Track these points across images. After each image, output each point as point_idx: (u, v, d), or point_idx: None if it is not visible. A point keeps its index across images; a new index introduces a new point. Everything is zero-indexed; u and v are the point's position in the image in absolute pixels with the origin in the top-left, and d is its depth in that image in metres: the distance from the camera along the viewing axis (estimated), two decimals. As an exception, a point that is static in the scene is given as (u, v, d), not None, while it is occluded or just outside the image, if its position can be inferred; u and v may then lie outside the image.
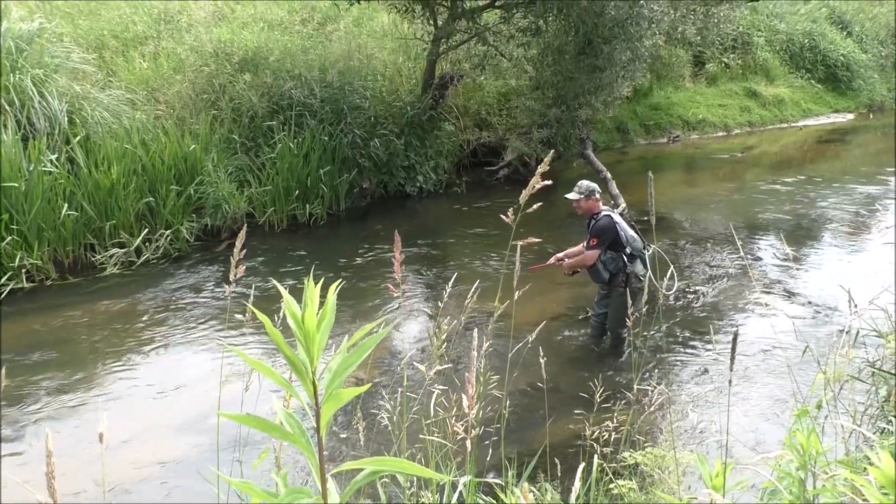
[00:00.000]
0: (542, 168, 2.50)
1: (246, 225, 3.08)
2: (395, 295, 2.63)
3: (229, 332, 7.08)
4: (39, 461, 5.09)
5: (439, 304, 3.02)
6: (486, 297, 3.11)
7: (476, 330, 2.36)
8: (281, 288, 1.18)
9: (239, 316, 2.74)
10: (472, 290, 3.02)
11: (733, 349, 2.18)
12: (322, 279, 1.20)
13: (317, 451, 1.08)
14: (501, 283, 2.96)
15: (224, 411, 1.26)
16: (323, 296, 1.16)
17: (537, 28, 10.95)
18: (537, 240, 3.07)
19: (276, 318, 2.79)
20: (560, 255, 6.73)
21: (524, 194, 2.58)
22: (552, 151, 3.41)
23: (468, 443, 2.26)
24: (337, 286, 1.16)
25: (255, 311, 1.25)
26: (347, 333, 5.54)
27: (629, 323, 3.25)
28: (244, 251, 2.59)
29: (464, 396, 2.04)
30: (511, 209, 2.72)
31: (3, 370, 1.84)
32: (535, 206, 2.83)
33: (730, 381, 2.23)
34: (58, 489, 1.67)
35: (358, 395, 1.21)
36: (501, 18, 11.47)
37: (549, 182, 2.61)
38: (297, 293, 1.14)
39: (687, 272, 8.51)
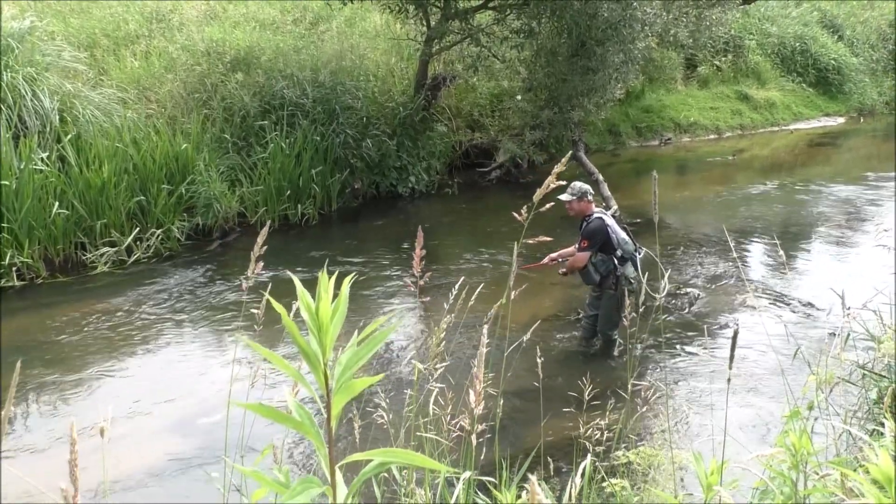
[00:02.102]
0: (558, 168, 2.49)
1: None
2: (413, 290, 2.62)
3: (226, 327, 7.06)
4: (29, 458, 5.08)
5: (444, 304, 3.02)
6: (477, 297, 3.11)
7: (485, 328, 2.35)
8: (296, 279, 1.18)
9: (254, 311, 2.73)
10: (473, 291, 3.03)
11: (733, 347, 2.18)
12: (336, 272, 1.20)
13: (327, 441, 1.08)
14: (510, 285, 2.96)
15: (234, 402, 1.26)
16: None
17: (530, 30, 10.97)
18: (548, 239, 3.07)
19: (260, 314, 2.80)
20: (554, 255, 6.75)
21: (538, 193, 2.56)
22: (569, 153, 3.40)
23: (473, 438, 2.26)
24: (351, 279, 1.17)
25: (273, 301, 1.26)
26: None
27: (626, 323, 3.26)
28: (265, 251, 2.58)
29: (471, 392, 2.04)
30: (525, 207, 2.71)
31: (19, 364, 1.82)
32: (546, 206, 2.81)
33: (728, 380, 2.24)
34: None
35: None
36: (494, 20, 11.48)
37: (562, 182, 2.61)
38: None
39: (679, 274, 8.53)
